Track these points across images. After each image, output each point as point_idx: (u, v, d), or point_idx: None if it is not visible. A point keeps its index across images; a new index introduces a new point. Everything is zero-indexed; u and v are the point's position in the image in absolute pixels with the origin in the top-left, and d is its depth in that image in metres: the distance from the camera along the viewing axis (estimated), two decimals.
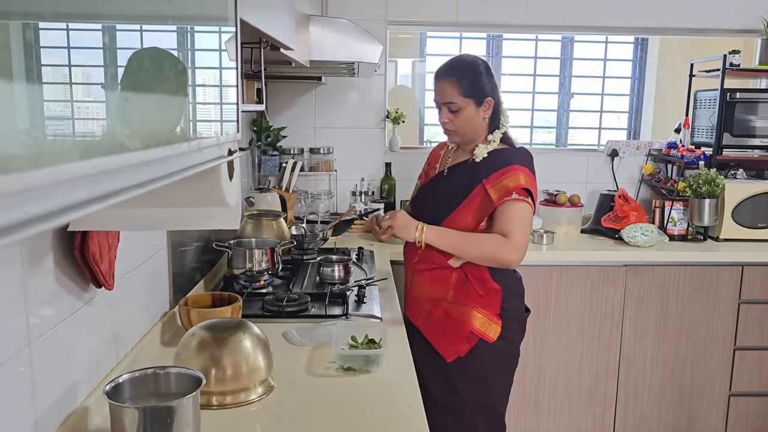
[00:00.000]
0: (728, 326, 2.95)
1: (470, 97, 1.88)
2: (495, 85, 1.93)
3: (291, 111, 3.34)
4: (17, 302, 1.03)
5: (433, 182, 2.07)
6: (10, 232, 0.27)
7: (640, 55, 4.00)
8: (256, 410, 1.36)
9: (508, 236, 1.83)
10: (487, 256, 1.86)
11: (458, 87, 1.87)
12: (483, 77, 1.90)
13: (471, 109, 1.89)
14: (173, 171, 0.53)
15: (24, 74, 0.37)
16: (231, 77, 0.95)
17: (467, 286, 1.92)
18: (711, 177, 2.99)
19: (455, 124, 1.92)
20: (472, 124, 1.92)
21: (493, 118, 1.94)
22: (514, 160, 1.91)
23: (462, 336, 1.92)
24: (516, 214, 1.85)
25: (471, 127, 1.92)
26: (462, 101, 1.88)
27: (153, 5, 0.65)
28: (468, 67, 1.90)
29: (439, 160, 2.13)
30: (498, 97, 1.94)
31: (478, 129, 1.94)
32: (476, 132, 1.95)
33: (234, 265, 2.16)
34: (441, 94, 1.91)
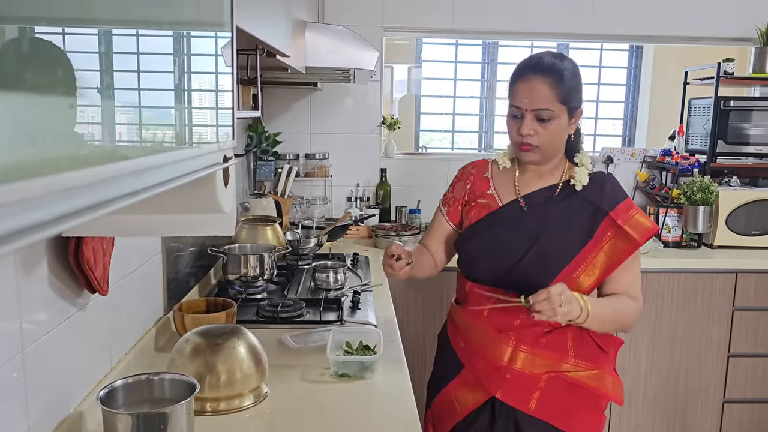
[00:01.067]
0: (722, 333, 2.96)
1: (566, 105, 1.53)
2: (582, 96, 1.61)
3: (287, 116, 3.35)
4: (11, 308, 1.03)
5: (507, 219, 1.62)
6: (4, 242, 0.27)
7: (635, 62, 4.02)
8: (250, 417, 1.35)
9: (637, 297, 1.59)
10: (628, 327, 1.62)
11: (557, 90, 1.51)
12: (581, 83, 1.58)
13: (564, 119, 1.54)
14: (168, 179, 0.53)
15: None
16: (227, 83, 0.96)
17: (586, 344, 1.59)
18: (705, 184, 3.00)
19: (541, 137, 1.53)
20: (559, 138, 1.56)
21: (576, 134, 1.62)
22: (622, 189, 1.64)
23: (600, 409, 1.62)
24: (634, 263, 1.60)
25: (556, 144, 1.57)
26: (558, 108, 1.52)
27: (149, 10, 0.65)
28: (569, 67, 1.55)
29: (490, 186, 1.68)
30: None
31: (561, 146, 1.60)
32: (559, 149, 1.60)
33: (229, 270, 2.15)
34: (532, 98, 1.51)
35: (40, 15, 0.42)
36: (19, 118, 0.33)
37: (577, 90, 1.56)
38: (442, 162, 3.39)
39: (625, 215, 1.57)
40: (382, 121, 3.37)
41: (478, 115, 4.19)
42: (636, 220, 1.57)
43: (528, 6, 3.29)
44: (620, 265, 1.57)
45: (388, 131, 3.39)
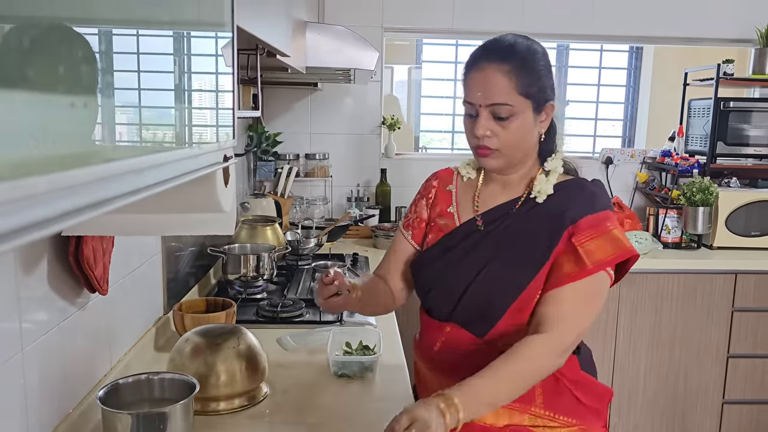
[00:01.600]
0: (722, 334, 2.96)
1: (530, 98, 1.24)
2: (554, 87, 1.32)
3: (287, 117, 3.35)
4: (10, 307, 1.03)
5: (459, 241, 1.35)
6: (6, 239, 0.28)
7: (635, 63, 4.02)
8: (249, 416, 1.35)
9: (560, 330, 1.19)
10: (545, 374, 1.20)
11: (517, 79, 1.22)
12: (550, 71, 1.31)
13: (528, 116, 1.25)
14: (168, 178, 0.53)
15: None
16: (227, 83, 0.96)
17: (561, 394, 1.29)
18: (705, 185, 3.00)
19: (501, 139, 1.25)
20: (524, 140, 1.27)
21: (549, 134, 1.32)
22: (603, 200, 1.30)
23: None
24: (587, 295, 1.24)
25: (521, 147, 1.28)
26: (520, 102, 1.23)
27: (150, 10, 0.65)
28: (535, 52, 1.27)
29: (452, 201, 1.41)
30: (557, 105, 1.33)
31: (529, 149, 1.31)
32: (525, 154, 1.31)
33: (228, 270, 2.15)
34: (486, 91, 1.23)
35: (40, 14, 0.42)
36: (24, 116, 0.33)
37: (544, 78, 1.27)
38: (442, 162, 3.35)
39: (588, 234, 1.23)
40: (382, 121, 3.37)
41: None
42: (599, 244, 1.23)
43: (527, 7, 3.29)
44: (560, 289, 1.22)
45: (388, 131, 3.39)
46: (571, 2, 3.31)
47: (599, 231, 1.24)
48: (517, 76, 1.22)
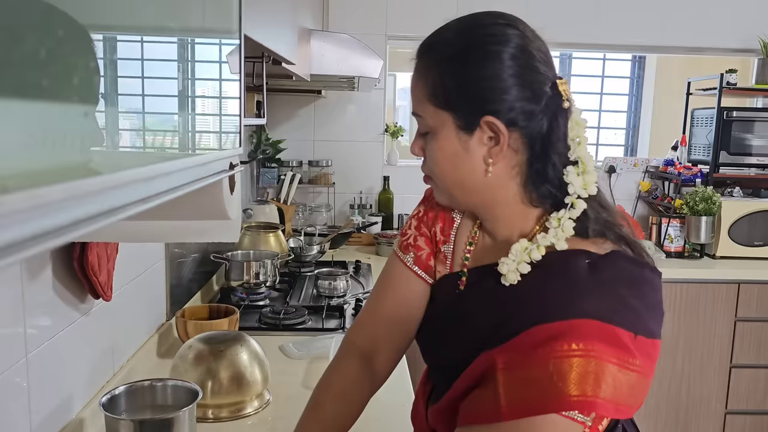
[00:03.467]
0: (724, 344, 2.95)
1: (450, 109, 0.84)
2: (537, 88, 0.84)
3: (290, 124, 3.36)
4: (15, 313, 1.03)
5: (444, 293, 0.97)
6: (21, 248, 0.28)
7: (638, 72, 4.03)
8: (252, 423, 1.35)
9: None
10: None
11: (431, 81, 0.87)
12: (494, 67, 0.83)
13: (449, 134, 0.85)
14: (177, 185, 0.54)
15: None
16: (233, 90, 0.96)
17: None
18: (708, 195, 3.00)
19: (427, 162, 0.90)
20: (454, 169, 0.86)
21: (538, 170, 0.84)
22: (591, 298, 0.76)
23: None
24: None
25: (454, 178, 0.87)
26: (432, 115, 0.86)
27: (158, 18, 0.66)
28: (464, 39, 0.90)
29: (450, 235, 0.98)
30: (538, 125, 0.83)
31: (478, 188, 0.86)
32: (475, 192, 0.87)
33: (231, 277, 2.16)
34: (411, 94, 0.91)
35: (43, 20, 0.42)
36: (39, 125, 0.34)
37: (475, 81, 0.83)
38: None
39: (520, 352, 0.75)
40: (385, 128, 3.38)
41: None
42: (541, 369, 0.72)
43: (531, 15, 3.28)
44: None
45: (392, 139, 3.40)
46: (575, 11, 3.32)
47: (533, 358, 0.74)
48: (434, 75, 0.86)
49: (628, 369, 0.72)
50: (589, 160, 0.85)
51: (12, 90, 0.31)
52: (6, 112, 0.31)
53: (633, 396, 0.74)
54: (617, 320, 0.74)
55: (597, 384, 0.70)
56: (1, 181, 0.28)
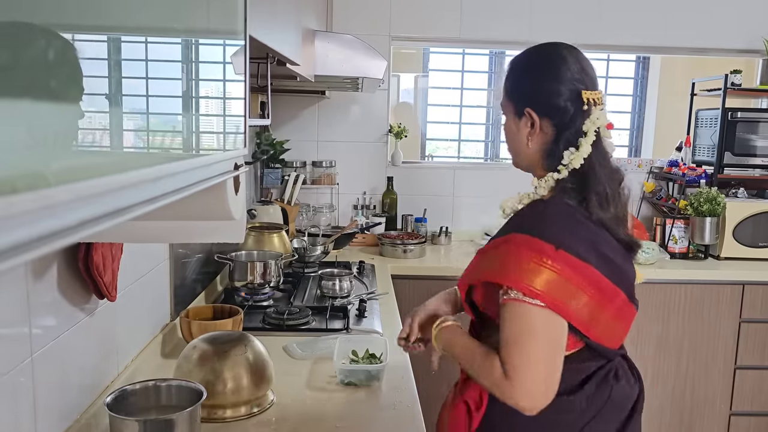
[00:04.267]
0: (729, 345, 2.94)
1: (511, 100, 1.28)
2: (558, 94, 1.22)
3: (294, 124, 3.36)
4: (21, 313, 1.03)
5: None
6: (30, 248, 0.28)
7: (642, 73, 4.02)
8: (255, 424, 1.35)
9: (508, 373, 1.10)
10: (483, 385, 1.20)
11: (507, 81, 1.30)
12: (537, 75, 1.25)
13: (510, 117, 1.29)
14: (183, 186, 0.54)
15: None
16: (238, 91, 0.96)
17: None
18: (712, 195, 3.00)
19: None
20: (513, 141, 1.29)
21: (552, 151, 1.23)
22: (525, 223, 1.19)
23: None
24: (515, 329, 1.11)
25: (514, 147, 1.30)
26: (505, 103, 1.30)
27: (163, 19, 0.66)
28: (526, 56, 1.29)
29: None
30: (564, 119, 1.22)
31: (525, 155, 1.28)
32: (524, 159, 1.30)
33: (235, 277, 2.16)
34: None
35: (49, 22, 0.42)
36: (46, 127, 0.34)
37: (523, 82, 1.27)
38: (448, 171, 3.39)
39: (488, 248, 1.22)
40: (389, 129, 3.38)
41: (485, 125, 4.20)
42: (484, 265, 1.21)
43: (535, 16, 3.30)
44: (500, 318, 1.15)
45: (395, 139, 3.40)
46: (579, 12, 3.31)
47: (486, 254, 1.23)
48: (508, 78, 1.31)
49: (544, 267, 1.11)
50: (585, 148, 1.21)
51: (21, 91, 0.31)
52: (12, 112, 0.31)
53: (552, 289, 1.11)
54: (539, 234, 1.14)
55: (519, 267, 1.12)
56: (10, 181, 0.28)
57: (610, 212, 1.21)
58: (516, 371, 1.10)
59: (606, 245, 1.20)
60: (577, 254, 1.13)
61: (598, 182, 1.20)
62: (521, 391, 1.10)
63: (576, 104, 1.22)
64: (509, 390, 1.11)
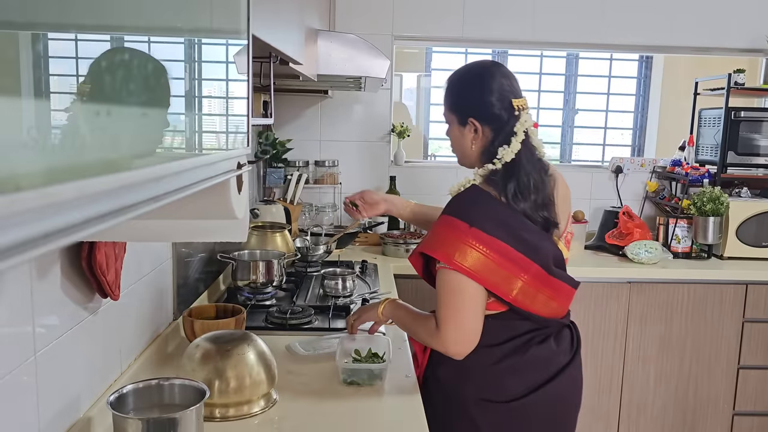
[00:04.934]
0: (732, 345, 2.94)
1: (453, 112, 1.57)
2: (491, 105, 1.50)
3: (297, 124, 3.36)
4: (24, 311, 1.03)
5: None
6: (34, 245, 0.28)
7: (645, 72, 4.02)
8: (258, 423, 1.36)
9: (439, 326, 1.43)
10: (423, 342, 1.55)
11: (445, 97, 1.59)
12: (473, 91, 1.53)
13: (454, 126, 1.57)
14: (187, 185, 0.54)
15: (33, 86, 0.38)
16: (241, 90, 0.96)
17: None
18: (715, 195, 2.99)
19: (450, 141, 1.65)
20: (458, 146, 1.59)
21: (488, 149, 1.52)
22: (449, 205, 1.52)
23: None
24: (443, 291, 1.44)
25: (459, 150, 1.60)
26: (447, 115, 1.59)
27: (167, 19, 0.66)
28: (460, 76, 1.58)
29: None
30: (498, 124, 1.51)
31: (469, 156, 1.58)
32: (468, 159, 1.59)
33: (238, 276, 2.16)
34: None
35: (52, 21, 0.42)
36: (53, 125, 0.34)
37: (462, 98, 1.55)
38: (451, 170, 3.39)
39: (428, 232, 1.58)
40: (391, 128, 3.38)
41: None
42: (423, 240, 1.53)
43: (538, 15, 3.30)
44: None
45: (398, 139, 3.40)
46: (582, 11, 3.31)
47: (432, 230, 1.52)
48: (447, 93, 1.59)
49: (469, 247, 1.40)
50: (515, 146, 1.49)
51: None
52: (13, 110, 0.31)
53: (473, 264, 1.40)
54: (455, 214, 1.46)
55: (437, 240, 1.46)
56: (14, 179, 0.28)
57: (531, 199, 1.47)
58: (445, 323, 1.42)
59: (519, 224, 1.46)
60: (485, 230, 1.42)
61: (524, 173, 1.47)
62: (448, 339, 1.42)
63: (508, 111, 1.50)
64: (439, 338, 1.43)
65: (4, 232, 0.26)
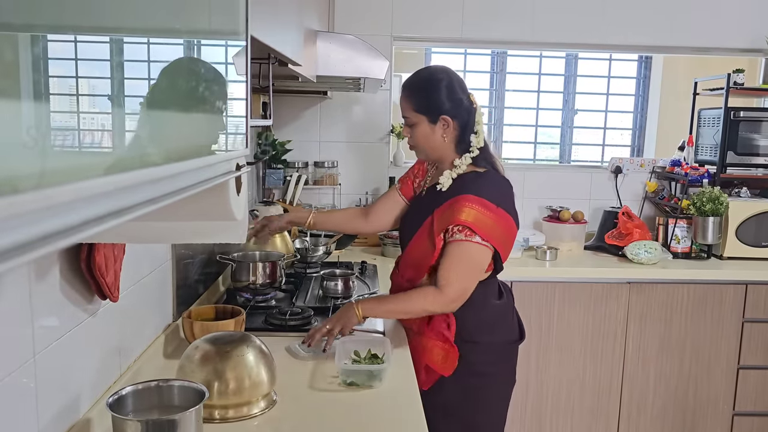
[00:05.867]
0: (732, 345, 2.94)
1: (423, 113, 1.75)
2: (459, 102, 1.75)
3: (296, 125, 3.36)
4: (23, 313, 1.03)
5: (414, 202, 1.96)
6: (32, 248, 0.28)
7: (644, 72, 4.02)
8: (258, 424, 1.35)
9: (442, 287, 1.66)
10: (423, 313, 1.73)
11: (410, 101, 1.76)
12: (440, 93, 1.73)
13: (424, 125, 1.76)
14: (185, 186, 0.54)
15: (33, 88, 0.38)
16: (239, 91, 0.96)
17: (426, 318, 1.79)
18: (715, 195, 2.99)
19: (412, 139, 1.81)
20: (428, 142, 1.78)
21: (462, 138, 1.77)
22: (470, 188, 1.70)
23: (420, 369, 1.77)
24: (455, 258, 1.67)
25: (429, 145, 1.79)
26: (414, 116, 1.76)
27: (165, 20, 0.66)
28: (424, 81, 1.77)
29: (424, 176, 1.99)
30: (465, 117, 1.75)
31: (440, 149, 1.79)
32: (439, 152, 1.80)
33: (237, 278, 2.16)
34: (401, 108, 1.82)
35: (51, 23, 0.42)
36: (49, 127, 0.34)
37: (434, 100, 1.73)
38: None
39: (441, 212, 1.71)
40: (390, 129, 3.38)
41: (487, 125, 4.20)
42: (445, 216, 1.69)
43: (537, 16, 3.30)
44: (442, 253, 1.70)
45: (397, 139, 3.40)
46: (581, 12, 3.31)
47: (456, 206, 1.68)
48: (409, 99, 1.77)
49: (486, 216, 1.66)
50: (481, 134, 1.77)
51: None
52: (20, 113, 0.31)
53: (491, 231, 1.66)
54: (485, 196, 1.68)
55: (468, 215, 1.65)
56: (12, 181, 0.28)
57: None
58: (450, 285, 1.66)
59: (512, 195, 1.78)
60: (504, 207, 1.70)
61: (490, 154, 1.80)
62: (448, 299, 1.67)
63: (470, 105, 1.77)
64: (441, 298, 1.67)
65: (2, 235, 0.26)
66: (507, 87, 3.95)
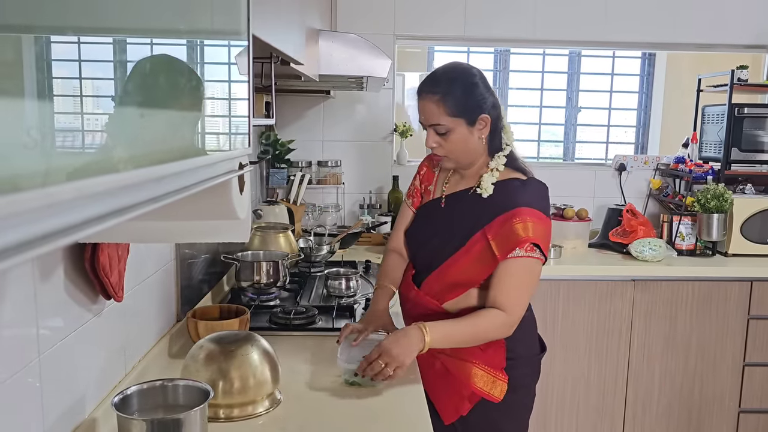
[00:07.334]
0: (737, 342, 2.93)
1: (460, 117, 1.56)
2: (493, 97, 1.60)
3: (299, 124, 3.36)
4: (28, 314, 1.04)
5: (430, 211, 1.75)
6: (33, 246, 0.28)
7: (648, 69, 4.01)
8: (263, 423, 1.36)
9: (507, 309, 1.53)
10: (486, 340, 1.60)
11: (444, 105, 1.55)
12: (478, 90, 1.57)
13: (462, 129, 1.57)
14: (187, 185, 0.54)
15: (36, 88, 0.38)
16: (242, 91, 0.96)
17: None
18: (719, 192, 2.98)
19: (445, 148, 1.60)
20: (465, 147, 1.59)
21: (493, 137, 1.62)
22: (523, 198, 1.58)
23: (463, 396, 1.65)
24: (518, 277, 1.55)
25: (464, 151, 1.61)
26: (450, 122, 1.56)
27: (168, 20, 0.66)
28: (457, 79, 1.57)
29: (433, 180, 1.79)
30: (497, 113, 1.61)
31: (475, 152, 1.62)
32: (473, 156, 1.63)
33: (242, 277, 2.16)
34: (425, 115, 1.58)
35: (54, 24, 0.43)
36: (54, 127, 0.34)
37: (471, 99, 1.56)
38: None
39: (497, 229, 1.56)
40: (394, 128, 3.38)
41: None
42: (505, 234, 1.54)
43: (540, 14, 3.30)
44: (496, 276, 1.56)
45: (400, 138, 3.40)
46: (584, 9, 3.31)
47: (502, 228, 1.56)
48: (444, 102, 1.55)
49: (540, 225, 1.56)
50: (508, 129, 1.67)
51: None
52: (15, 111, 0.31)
53: (544, 238, 1.57)
54: (537, 207, 1.58)
55: (534, 231, 1.54)
56: (13, 179, 0.28)
57: None
58: (515, 308, 1.55)
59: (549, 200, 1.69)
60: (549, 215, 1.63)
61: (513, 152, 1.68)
62: (514, 321, 1.56)
63: (498, 102, 1.63)
64: (510, 322, 1.55)
65: (4, 233, 0.27)
66: (510, 85, 3.94)
